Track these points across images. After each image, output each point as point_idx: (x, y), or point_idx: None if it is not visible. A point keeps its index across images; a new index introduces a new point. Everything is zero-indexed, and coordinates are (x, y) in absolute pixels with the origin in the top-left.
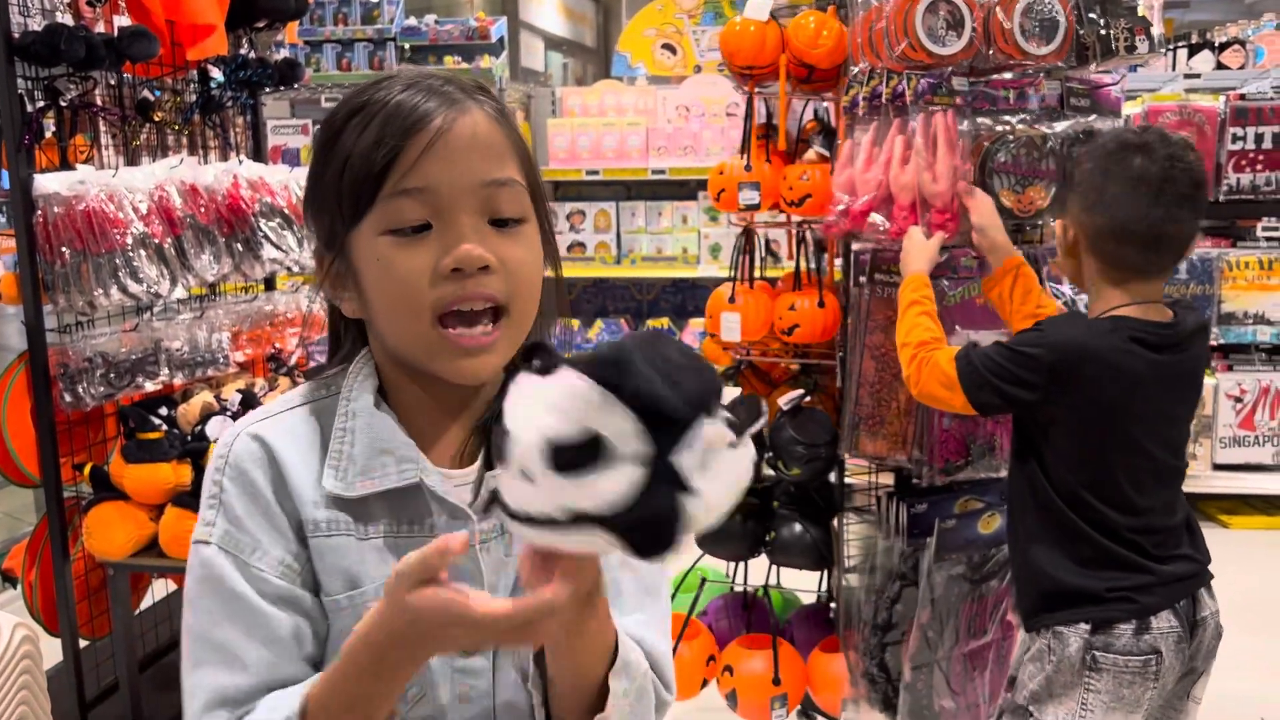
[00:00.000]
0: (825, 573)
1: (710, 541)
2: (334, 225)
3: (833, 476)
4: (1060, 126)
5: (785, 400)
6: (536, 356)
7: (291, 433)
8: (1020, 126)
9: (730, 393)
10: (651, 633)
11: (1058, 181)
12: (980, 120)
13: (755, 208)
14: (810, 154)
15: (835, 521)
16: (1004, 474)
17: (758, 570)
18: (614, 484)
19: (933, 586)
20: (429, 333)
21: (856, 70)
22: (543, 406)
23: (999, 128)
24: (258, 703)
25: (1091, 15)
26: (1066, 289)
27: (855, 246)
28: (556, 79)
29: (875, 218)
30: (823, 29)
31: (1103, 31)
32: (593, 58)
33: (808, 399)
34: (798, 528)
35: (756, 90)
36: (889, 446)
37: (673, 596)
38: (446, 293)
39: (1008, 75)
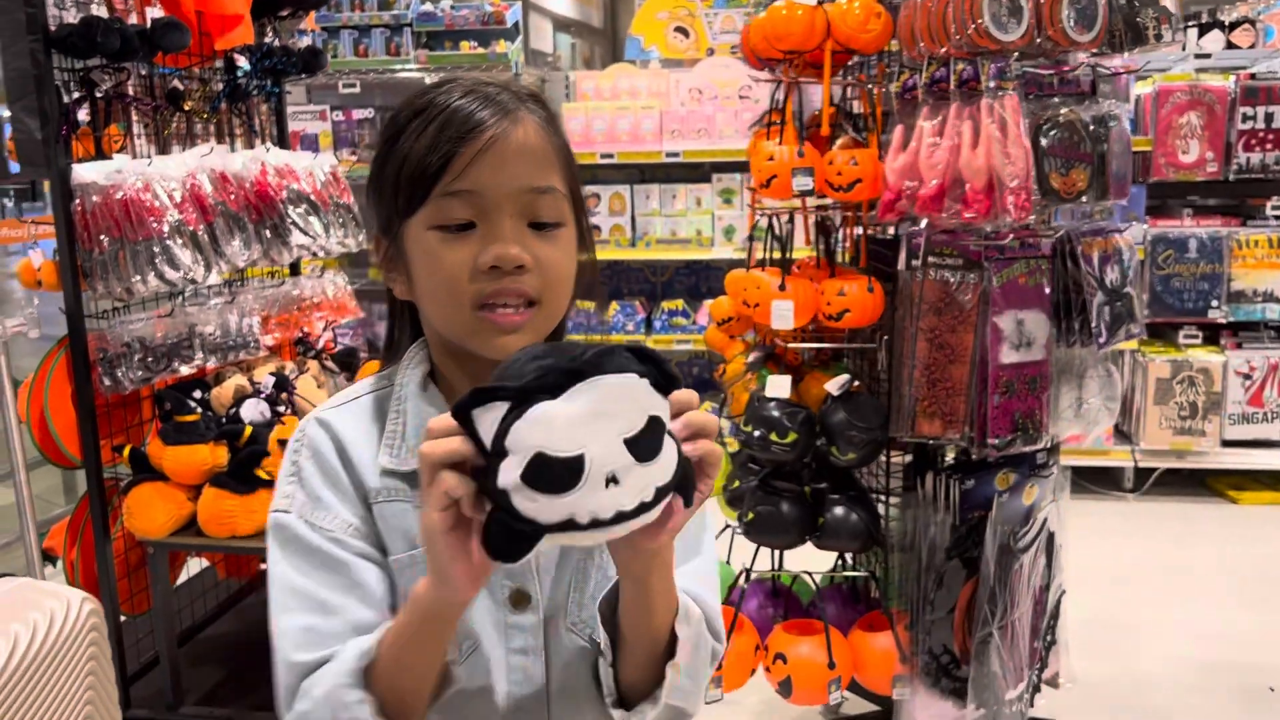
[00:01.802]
0: (841, 553)
1: (760, 531)
2: (390, 215)
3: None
4: (1091, 111)
5: (835, 386)
6: (493, 397)
7: (354, 417)
8: (1064, 111)
9: (781, 382)
10: (700, 587)
11: (1092, 164)
12: (1029, 105)
13: (809, 193)
14: (845, 139)
15: (883, 502)
16: (1043, 446)
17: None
18: (671, 453)
19: (992, 559)
20: (469, 317)
21: (907, 56)
22: (593, 415)
23: (1047, 112)
24: (345, 644)
25: (1121, 3)
26: (1095, 267)
27: (903, 230)
28: (565, 60)
29: (948, 202)
30: (871, 14)
31: (1136, 20)
32: (600, 39)
33: (855, 384)
34: (841, 510)
35: (769, 77)
36: (943, 426)
37: None
38: (485, 287)
39: (1042, 60)
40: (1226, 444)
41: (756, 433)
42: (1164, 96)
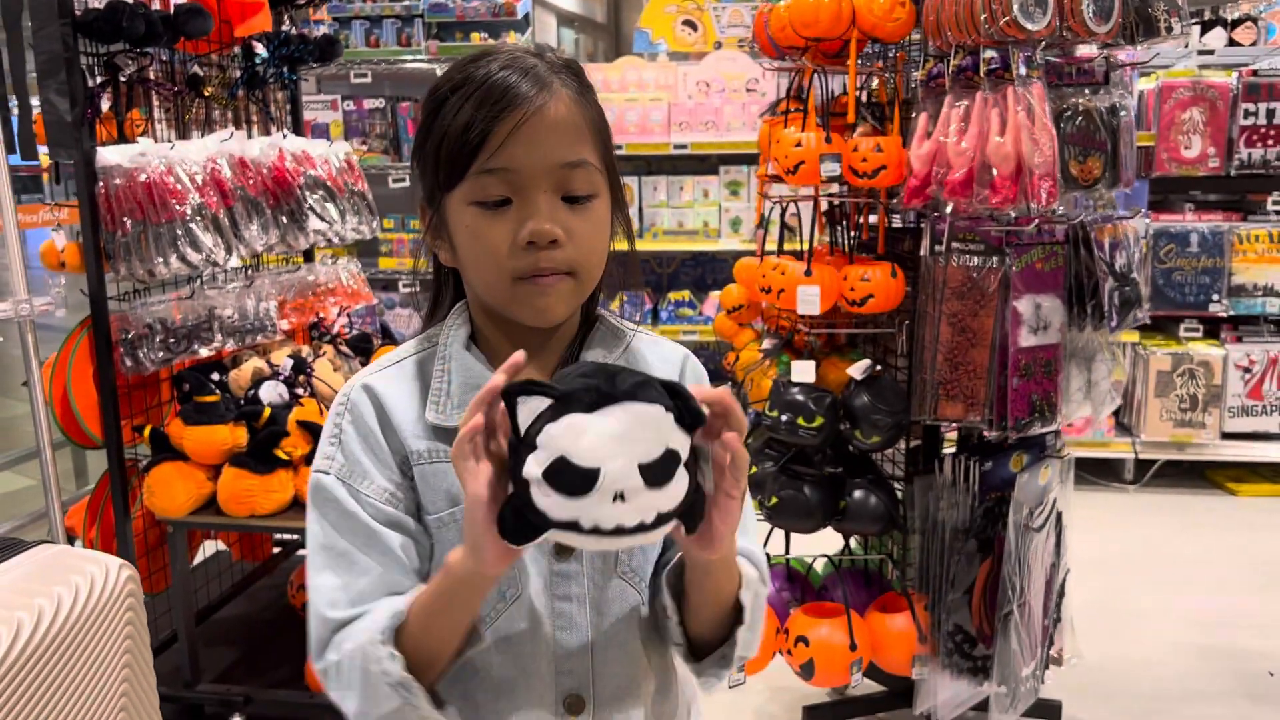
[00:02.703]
0: (848, 538)
1: (784, 516)
2: (434, 187)
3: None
4: (1104, 100)
5: (859, 370)
6: (538, 391)
7: (397, 380)
8: (1080, 100)
9: (805, 368)
10: (743, 539)
11: (1106, 152)
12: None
13: (837, 179)
14: (864, 126)
15: (903, 485)
16: (1055, 428)
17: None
18: (680, 485)
19: (1013, 539)
20: (509, 288)
21: (933, 45)
22: (616, 436)
23: (1066, 101)
24: (376, 603)
25: None
26: (1105, 253)
27: (926, 216)
28: (569, 55)
29: (976, 188)
30: (896, 3)
31: (1149, 12)
32: (603, 34)
33: (878, 369)
34: (861, 494)
35: (779, 67)
36: (964, 408)
37: None
38: (523, 262)
39: (1056, 50)
40: (1226, 436)
41: (783, 417)
42: (1167, 92)
